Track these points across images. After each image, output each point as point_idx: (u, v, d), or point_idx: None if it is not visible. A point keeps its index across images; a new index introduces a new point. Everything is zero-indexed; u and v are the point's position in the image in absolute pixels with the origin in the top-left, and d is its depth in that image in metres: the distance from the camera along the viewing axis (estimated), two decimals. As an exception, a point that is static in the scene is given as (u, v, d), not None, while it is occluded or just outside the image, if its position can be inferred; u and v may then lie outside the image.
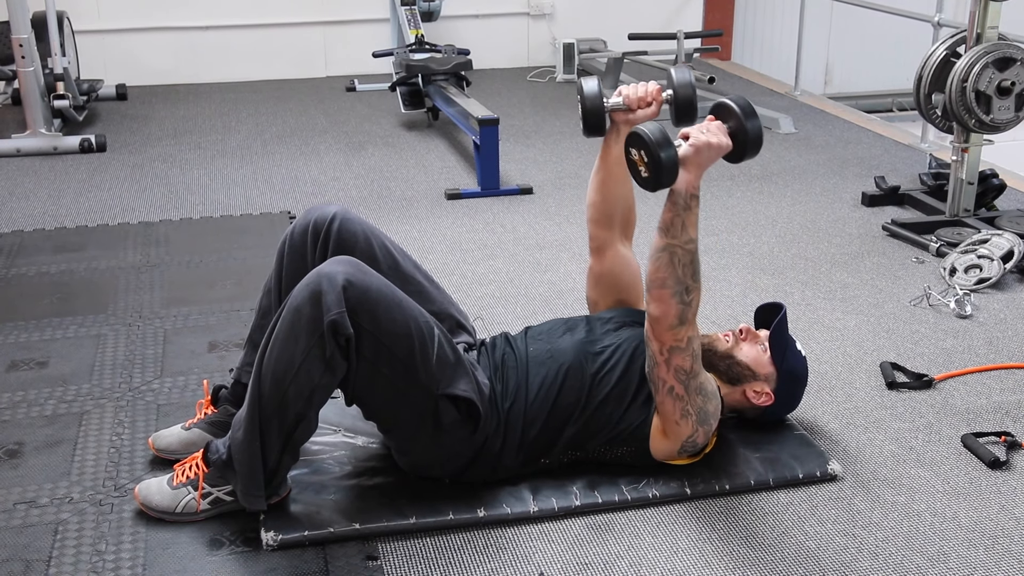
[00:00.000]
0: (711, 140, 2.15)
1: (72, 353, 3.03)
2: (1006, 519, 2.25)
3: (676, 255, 2.13)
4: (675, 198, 2.16)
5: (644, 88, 2.41)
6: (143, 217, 4.30)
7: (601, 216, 2.53)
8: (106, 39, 6.79)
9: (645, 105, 2.41)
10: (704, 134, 2.15)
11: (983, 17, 3.81)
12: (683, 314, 2.14)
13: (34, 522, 2.23)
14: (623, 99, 2.40)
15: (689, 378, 2.19)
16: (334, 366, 2.07)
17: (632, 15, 7.25)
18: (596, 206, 2.53)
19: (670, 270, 2.13)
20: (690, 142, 2.15)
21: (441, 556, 2.12)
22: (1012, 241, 3.57)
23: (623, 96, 2.41)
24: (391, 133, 5.69)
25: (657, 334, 2.16)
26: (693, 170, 2.15)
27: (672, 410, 2.21)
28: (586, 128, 2.41)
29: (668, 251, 2.14)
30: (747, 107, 2.18)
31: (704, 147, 2.15)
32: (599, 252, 2.57)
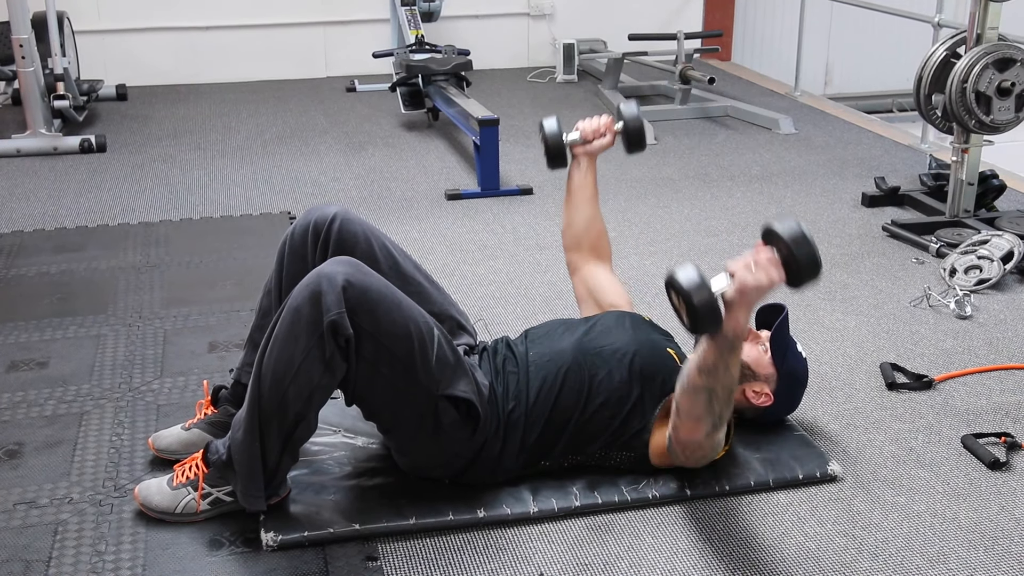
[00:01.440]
0: (760, 281, 1.90)
1: (72, 353, 3.03)
2: (1006, 520, 2.25)
3: (716, 396, 2.02)
4: (719, 340, 1.96)
5: (598, 121, 2.66)
6: (143, 217, 4.30)
7: (571, 241, 2.74)
8: (106, 39, 6.79)
9: (599, 135, 2.66)
10: (751, 272, 1.91)
11: (983, 18, 3.81)
12: (712, 432, 2.11)
13: (34, 522, 2.23)
14: (579, 133, 2.67)
15: (705, 459, 2.25)
16: (334, 367, 2.07)
17: (632, 16, 7.25)
18: (566, 232, 2.75)
19: (707, 408, 2.04)
20: (736, 284, 1.92)
21: (441, 557, 2.12)
22: (1012, 242, 3.57)
23: (580, 130, 2.67)
24: (391, 133, 5.69)
25: (682, 446, 2.17)
26: (741, 314, 1.94)
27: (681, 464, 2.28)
28: (549, 161, 2.70)
29: (707, 392, 2.01)
30: (796, 234, 1.92)
31: (751, 290, 1.91)
32: (575, 274, 2.75)
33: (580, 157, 2.71)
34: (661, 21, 7.38)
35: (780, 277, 1.92)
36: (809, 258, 1.92)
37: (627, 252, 3.86)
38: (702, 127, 5.80)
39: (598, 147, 2.68)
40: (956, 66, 3.81)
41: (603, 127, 2.66)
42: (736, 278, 1.92)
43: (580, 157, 2.71)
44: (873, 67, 7.71)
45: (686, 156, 5.22)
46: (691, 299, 1.89)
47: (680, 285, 1.90)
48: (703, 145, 5.43)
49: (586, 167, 2.71)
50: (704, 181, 4.78)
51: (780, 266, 1.92)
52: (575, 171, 2.72)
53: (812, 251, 1.92)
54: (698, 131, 5.71)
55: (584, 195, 2.71)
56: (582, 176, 2.71)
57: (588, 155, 2.70)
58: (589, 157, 2.71)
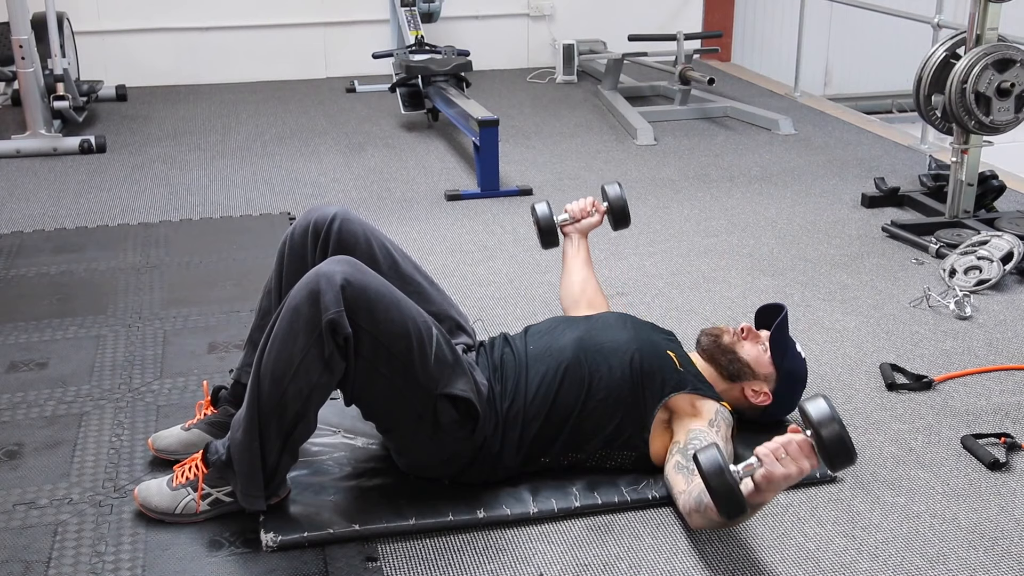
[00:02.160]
0: (790, 471, 1.85)
1: (72, 354, 3.03)
2: (1006, 520, 2.25)
3: (721, 525, 2.09)
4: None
5: (584, 202, 2.86)
6: (143, 218, 4.30)
7: (569, 301, 2.84)
8: (106, 40, 6.79)
9: (587, 215, 2.86)
10: (780, 462, 1.85)
11: (983, 18, 3.81)
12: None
13: (34, 523, 2.23)
14: (569, 214, 2.87)
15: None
16: (332, 365, 2.07)
17: (632, 16, 7.25)
18: (563, 297, 2.86)
19: (710, 526, 2.10)
20: (762, 471, 1.86)
21: (441, 557, 2.12)
22: (1012, 242, 3.57)
23: (569, 212, 2.87)
24: (391, 134, 5.69)
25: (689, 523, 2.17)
26: (766, 496, 1.90)
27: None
28: (542, 242, 2.89)
29: (713, 525, 2.08)
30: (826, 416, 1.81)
31: (779, 480, 1.85)
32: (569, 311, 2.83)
33: (571, 235, 2.88)
34: (661, 22, 7.38)
35: (810, 468, 1.86)
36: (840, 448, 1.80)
37: (627, 253, 3.86)
38: (702, 128, 5.80)
39: (587, 225, 2.87)
40: (956, 67, 3.81)
41: (590, 206, 2.86)
42: (764, 466, 1.86)
43: (571, 235, 2.88)
44: (873, 68, 7.72)
45: (686, 157, 5.22)
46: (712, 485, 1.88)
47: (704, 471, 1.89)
48: (703, 146, 5.43)
49: (578, 242, 2.88)
50: (704, 182, 4.78)
51: (813, 453, 1.85)
52: (568, 246, 2.88)
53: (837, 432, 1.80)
54: (698, 132, 5.71)
55: (578, 263, 2.85)
56: (575, 250, 2.87)
57: (579, 232, 2.88)
58: (580, 234, 2.88)
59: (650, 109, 6.02)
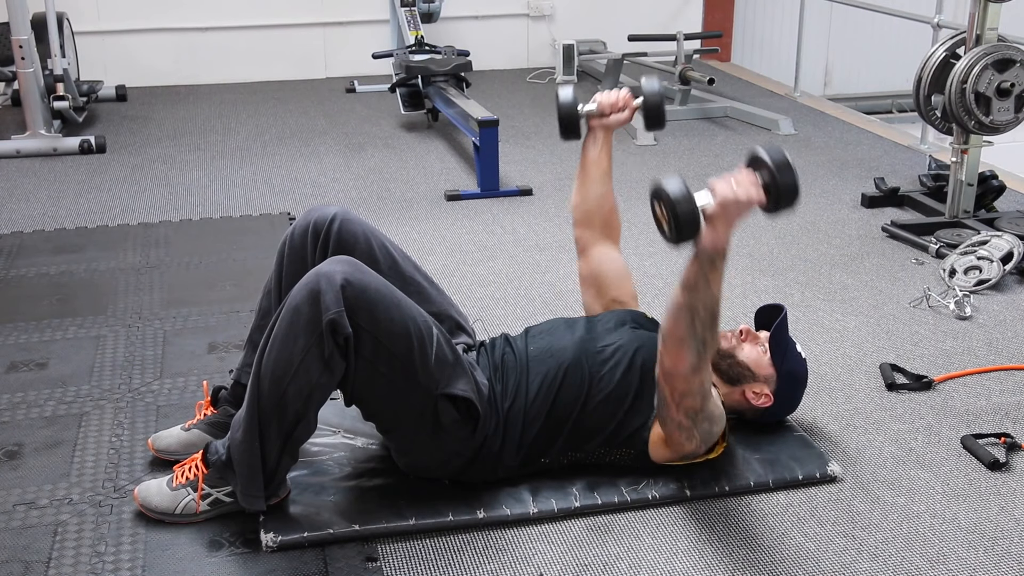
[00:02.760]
0: (740, 196, 1.95)
1: (72, 354, 3.03)
2: (1006, 520, 2.25)
3: (697, 315, 2.01)
4: (700, 256, 1.99)
5: (616, 95, 2.56)
6: (143, 218, 4.30)
7: (582, 216, 2.64)
8: (106, 40, 6.79)
9: (617, 110, 2.56)
10: (733, 188, 1.96)
11: (982, 18, 3.81)
12: (697, 364, 2.07)
13: (34, 523, 2.23)
14: (597, 105, 2.57)
15: (698, 414, 2.16)
16: (333, 366, 2.07)
17: (632, 16, 7.25)
18: (577, 207, 2.65)
19: (690, 329, 2.02)
20: (717, 197, 1.97)
21: (441, 557, 2.12)
22: (1012, 242, 3.57)
23: (597, 102, 2.57)
24: (391, 134, 5.69)
25: (669, 381, 2.11)
26: (720, 227, 1.97)
27: (678, 437, 2.22)
28: (562, 131, 2.58)
29: (689, 311, 2.01)
30: (781, 160, 1.99)
31: (731, 204, 1.95)
32: (584, 252, 2.65)
33: (596, 130, 2.60)
34: (661, 22, 7.38)
35: (760, 198, 1.97)
36: (790, 184, 1.99)
37: (627, 252, 3.82)
38: (702, 128, 5.80)
39: (615, 121, 2.57)
40: (956, 67, 3.81)
41: (622, 101, 2.56)
42: (717, 192, 1.97)
43: (596, 130, 2.60)
44: (873, 68, 7.72)
45: (686, 157, 5.22)
46: (675, 208, 1.95)
47: (666, 194, 1.96)
48: (703, 146, 5.43)
49: (602, 141, 2.60)
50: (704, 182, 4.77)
51: (760, 188, 1.98)
52: (590, 144, 2.61)
53: (793, 178, 1.99)
54: (698, 132, 5.71)
55: (599, 170, 2.61)
56: (597, 150, 2.60)
57: (604, 128, 2.59)
58: (605, 130, 2.60)
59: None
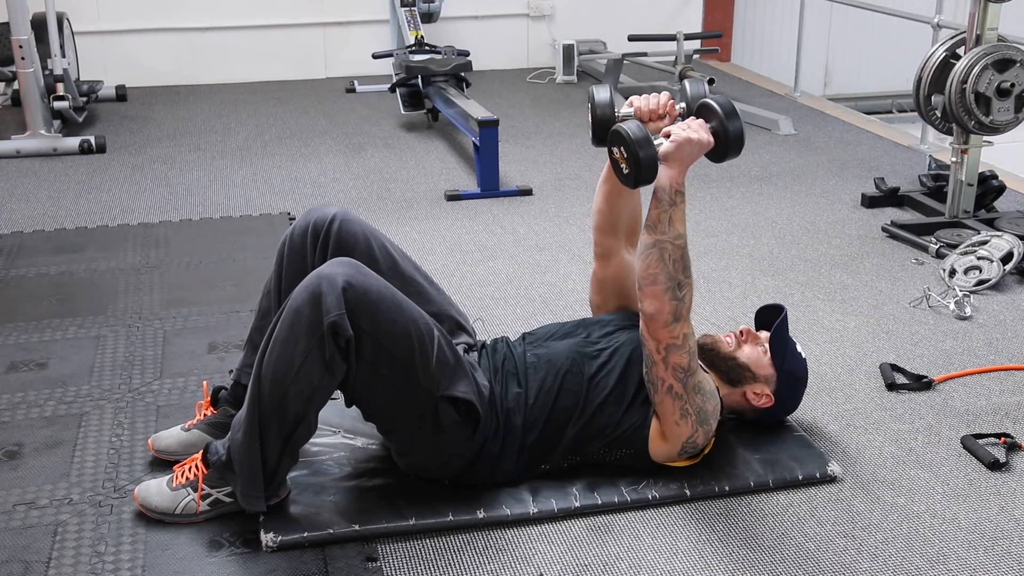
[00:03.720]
0: (691, 136, 2.15)
1: (72, 354, 3.03)
2: (1006, 520, 2.25)
3: (665, 251, 2.14)
4: (660, 195, 2.16)
5: (656, 100, 2.31)
6: (143, 218, 4.30)
7: (607, 224, 2.50)
8: (106, 40, 6.79)
9: (657, 118, 2.30)
10: (685, 131, 2.16)
11: (982, 18, 3.81)
12: (677, 310, 2.15)
13: (34, 523, 2.23)
14: (634, 110, 2.30)
15: (687, 375, 2.19)
16: (334, 367, 2.07)
17: (632, 16, 7.25)
18: (603, 214, 2.49)
19: (660, 266, 2.14)
20: (671, 139, 2.16)
21: (441, 557, 2.12)
22: (1012, 242, 3.57)
23: (634, 108, 2.31)
24: (391, 134, 5.69)
25: (653, 332, 2.17)
26: (675, 166, 2.16)
27: (672, 409, 2.21)
28: (595, 137, 2.31)
29: (657, 247, 2.14)
30: (728, 107, 2.18)
31: (685, 143, 2.15)
32: (603, 258, 2.55)
33: None
34: (661, 22, 7.38)
35: (710, 140, 2.17)
36: (736, 131, 2.18)
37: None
38: (702, 128, 5.79)
39: (653, 131, 2.25)
40: (956, 67, 3.81)
41: (662, 107, 2.30)
42: (672, 133, 2.15)
43: None
44: (873, 68, 7.72)
45: (686, 157, 5.21)
46: (635, 149, 2.08)
47: (627, 136, 2.10)
48: (703, 146, 5.42)
49: None
50: (704, 182, 4.78)
51: (710, 133, 2.17)
52: None
53: (739, 125, 2.19)
54: (698, 132, 5.70)
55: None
56: None
57: None
58: None
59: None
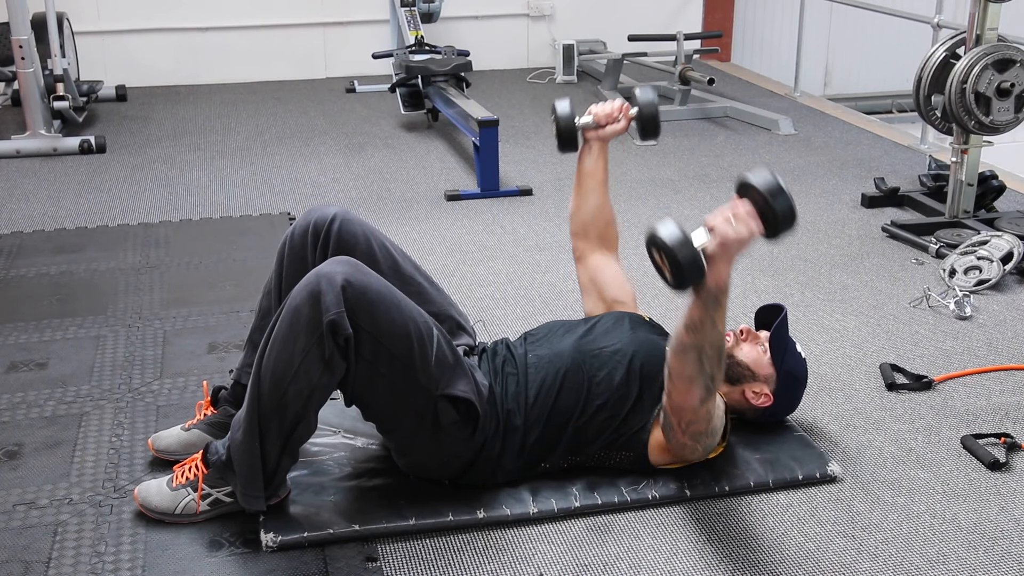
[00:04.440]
0: (741, 233, 1.92)
1: (72, 354, 3.03)
2: (1006, 520, 2.25)
3: (704, 354, 2.01)
4: (703, 295, 1.97)
5: (611, 106, 2.58)
6: (143, 218, 4.30)
7: (578, 227, 2.68)
8: (106, 40, 6.79)
9: (613, 121, 2.58)
10: (731, 225, 1.92)
11: (982, 18, 3.81)
12: (705, 397, 2.08)
13: (33, 523, 2.23)
14: (592, 117, 2.59)
15: (702, 435, 2.20)
16: (333, 366, 2.07)
17: (632, 16, 7.25)
18: (573, 217, 2.69)
19: (697, 367, 2.02)
20: (717, 238, 1.93)
21: (441, 557, 2.12)
22: (1012, 242, 3.57)
23: (592, 114, 2.59)
24: (391, 134, 5.69)
25: (677, 413, 2.14)
26: (722, 266, 1.95)
27: (680, 452, 2.26)
28: (560, 144, 2.62)
29: (695, 350, 2.01)
30: (773, 185, 1.93)
31: (733, 242, 1.93)
32: (580, 261, 2.69)
33: (592, 142, 2.63)
34: (661, 22, 7.38)
35: (759, 229, 1.94)
36: (786, 209, 1.93)
37: (627, 253, 3.83)
38: (702, 128, 5.80)
39: (611, 132, 2.60)
40: (956, 67, 3.81)
41: (616, 112, 2.58)
42: (716, 232, 1.93)
43: (592, 142, 2.63)
44: (872, 68, 7.72)
45: (686, 157, 5.22)
46: (674, 255, 1.90)
47: (663, 241, 1.92)
48: (703, 146, 5.43)
49: (598, 152, 2.64)
50: (704, 182, 4.78)
51: (758, 218, 1.94)
52: (586, 156, 2.64)
53: (788, 202, 1.93)
54: (698, 132, 5.71)
55: (595, 181, 2.64)
56: (593, 161, 2.64)
57: (600, 140, 2.63)
58: (601, 142, 2.63)
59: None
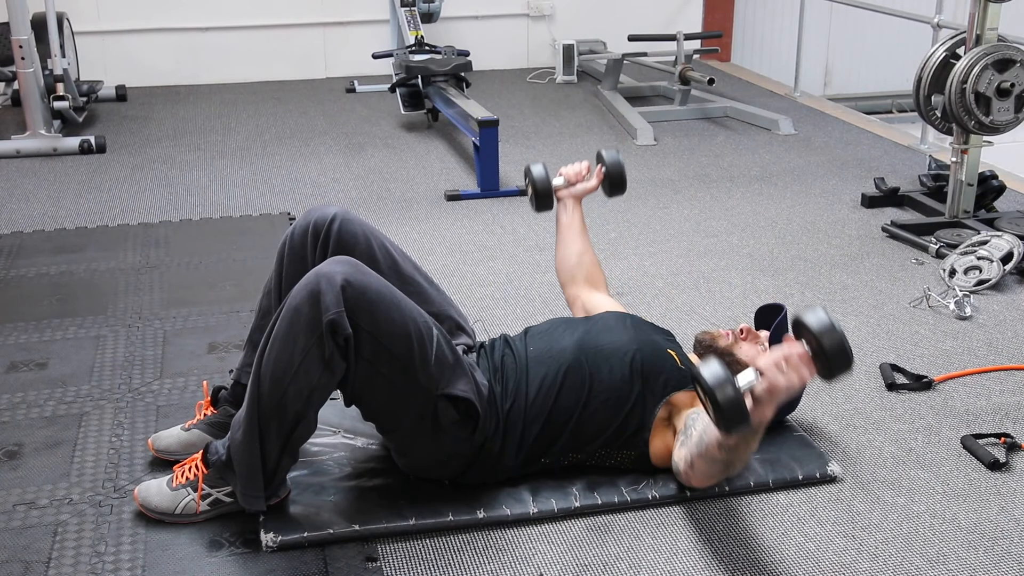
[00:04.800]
0: (792, 382, 1.85)
1: (72, 354, 3.03)
2: (1006, 520, 2.25)
3: (732, 466, 2.06)
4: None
5: (579, 166, 2.81)
6: (143, 218, 4.30)
7: (566, 276, 2.81)
8: (106, 40, 6.80)
9: (582, 179, 2.82)
10: (783, 372, 1.85)
11: (982, 18, 3.81)
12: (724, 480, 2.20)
13: (34, 523, 2.23)
14: (563, 178, 2.82)
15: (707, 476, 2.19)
16: (333, 366, 2.07)
17: (632, 16, 7.25)
18: (560, 269, 2.83)
19: (723, 472, 2.09)
20: (766, 383, 1.86)
21: (441, 557, 2.12)
22: (1011, 242, 3.57)
23: (564, 175, 2.82)
24: (391, 134, 5.69)
25: (692, 484, 2.21)
26: (768, 409, 1.89)
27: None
28: (536, 204, 2.79)
29: (725, 464, 2.04)
30: (824, 325, 1.84)
31: (783, 390, 1.85)
32: (572, 305, 2.80)
33: (566, 200, 2.83)
34: (661, 22, 7.38)
35: (811, 374, 1.87)
36: (836, 349, 1.83)
37: (627, 253, 3.86)
38: (702, 128, 5.80)
39: (582, 190, 2.81)
40: (956, 67, 3.81)
41: (585, 170, 2.82)
42: (766, 377, 1.86)
43: (566, 200, 2.83)
44: (872, 68, 7.72)
45: (686, 157, 5.22)
46: (717, 401, 1.82)
47: (705, 383, 1.84)
48: (703, 146, 5.43)
49: (572, 208, 2.83)
50: (704, 182, 4.78)
51: (811, 363, 1.86)
52: (562, 212, 2.83)
53: (839, 340, 1.83)
54: (698, 132, 5.71)
55: (574, 231, 2.81)
56: (569, 216, 2.82)
57: (573, 197, 2.83)
58: (574, 199, 2.83)
59: (650, 109, 6.02)
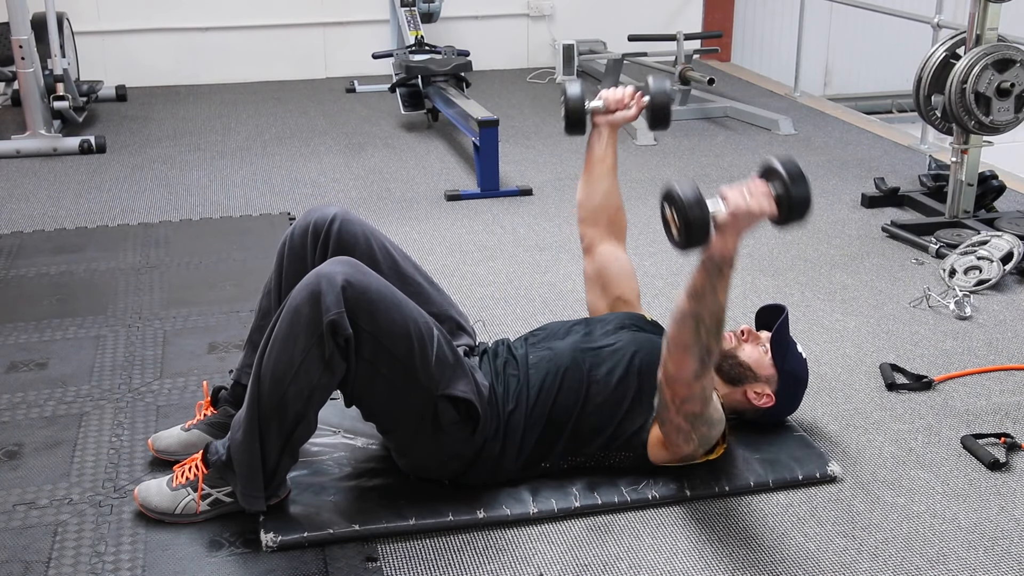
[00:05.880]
0: (752, 207, 1.92)
1: (72, 354, 3.03)
2: (1006, 520, 2.25)
3: (703, 323, 2.00)
4: (707, 263, 1.97)
5: (623, 91, 2.56)
6: (143, 218, 4.30)
7: (587, 214, 2.64)
8: (106, 40, 6.80)
9: (623, 107, 2.56)
10: (745, 199, 1.93)
11: (982, 18, 3.81)
12: (700, 371, 2.05)
13: (33, 523, 2.23)
14: (603, 101, 2.57)
15: (697, 418, 2.16)
16: (333, 366, 2.07)
17: (632, 16, 7.25)
18: (582, 204, 2.65)
19: (694, 336, 2.01)
20: (730, 207, 1.94)
21: (441, 557, 2.12)
22: (1011, 242, 3.57)
23: (603, 99, 2.57)
24: (391, 134, 5.69)
25: (671, 386, 2.10)
26: (729, 236, 1.95)
27: (675, 439, 2.22)
28: (568, 127, 2.58)
29: (695, 318, 1.99)
30: (795, 170, 1.95)
31: (744, 213, 1.93)
32: (589, 251, 2.65)
33: (601, 127, 2.60)
34: (661, 22, 7.38)
35: (772, 210, 1.93)
36: (802, 197, 1.94)
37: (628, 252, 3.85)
38: (702, 128, 5.80)
39: (621, 119, 2.57)
40: (956, 67, 3.81)
41: (628, 98, 2.56)
42: (729, 201, 1.93)
43: (601, 127, 2.60)
44: (872, 68, 7.72)
45: (686, 157, 5.22)
46: (686, 212, 1.92)
47: (678, 197, 1.94)
48: (703, 146, 5.43)
49: (607, 138, 2.60)
50: (704, 182, 4.76)
51: (773, 201, 1.94)
52: (596, 141, 2.61)
53: (807, 191, 1.94)
54: (698, 132, 5.71)
55: (604, 167, 2.61)
56: (603, 147, 2.60)
57: (610, 125, 2.60)
58: (611, 127, 2.60)
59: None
